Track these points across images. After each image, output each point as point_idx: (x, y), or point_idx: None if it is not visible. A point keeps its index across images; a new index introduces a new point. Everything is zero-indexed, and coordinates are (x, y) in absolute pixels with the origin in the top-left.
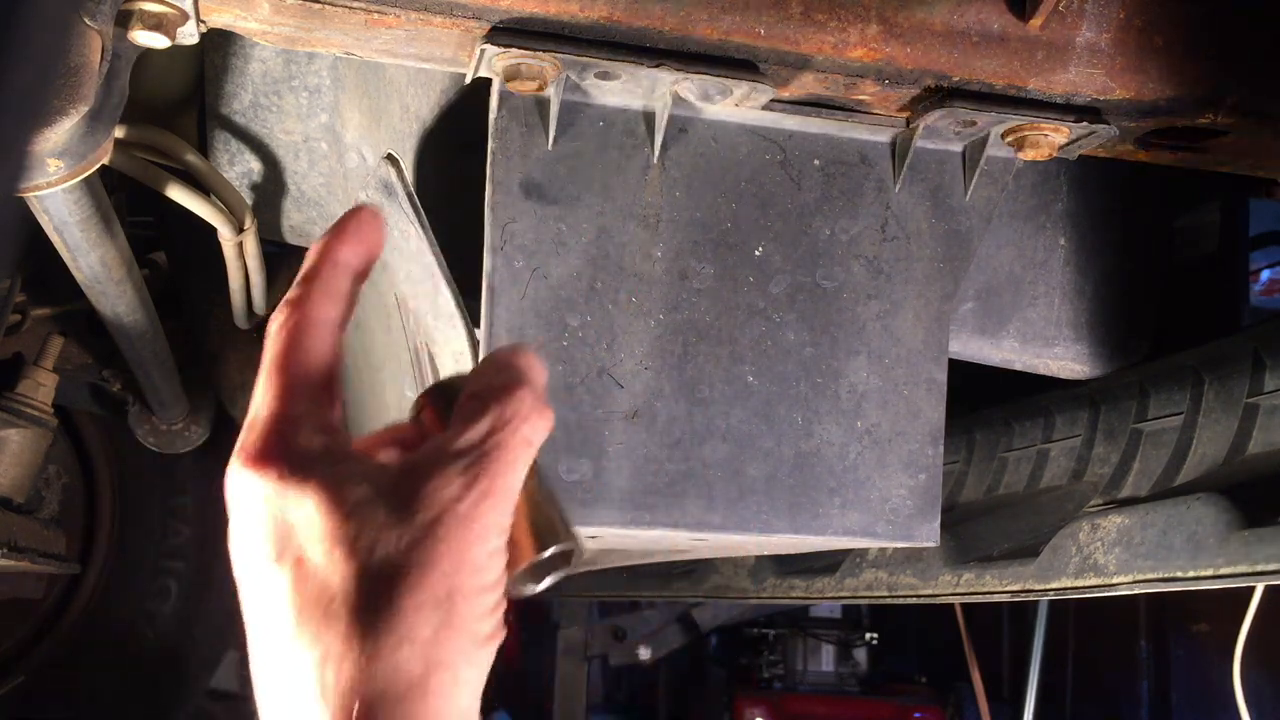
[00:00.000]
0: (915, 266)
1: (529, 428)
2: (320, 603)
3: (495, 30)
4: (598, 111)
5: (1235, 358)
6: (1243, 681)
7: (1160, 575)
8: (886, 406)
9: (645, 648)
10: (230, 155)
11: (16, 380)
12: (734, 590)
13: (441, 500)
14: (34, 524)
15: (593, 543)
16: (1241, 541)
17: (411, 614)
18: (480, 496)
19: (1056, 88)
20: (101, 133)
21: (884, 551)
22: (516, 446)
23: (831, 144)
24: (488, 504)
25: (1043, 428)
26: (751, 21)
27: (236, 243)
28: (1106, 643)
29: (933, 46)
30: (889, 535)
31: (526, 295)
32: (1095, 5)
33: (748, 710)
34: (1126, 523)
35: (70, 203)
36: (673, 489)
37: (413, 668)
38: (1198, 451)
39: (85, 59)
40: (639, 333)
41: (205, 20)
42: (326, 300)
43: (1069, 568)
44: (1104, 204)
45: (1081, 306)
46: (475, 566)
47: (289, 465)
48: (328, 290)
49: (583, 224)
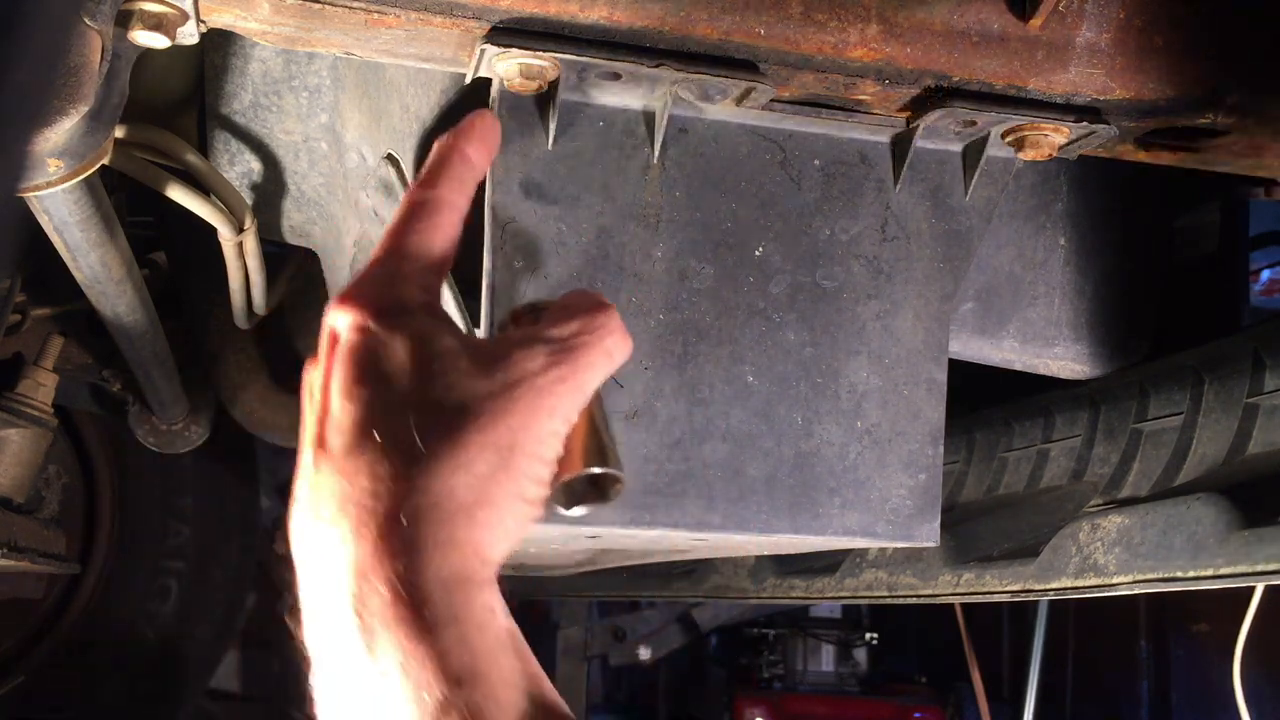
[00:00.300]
0: (915, 266)
1: (612, 341)
2: (390, 426)
3: (495, 30)
4: (598, 111)
5: (1235, 358)
6: (1243, 681)
7: (1160, 575)
8: (886, 406)
9: (645, 648)
10: (230, 155)
11: (16, 380)
12: (734, 590)
13: (524, 369)
14: (34, 524)
15: (593, 543)
16: (1241, 541)
17: (475, 450)
18: (558, 379)
19: (1056, 88)
20: (101, 133)
21: (884, 551)
22: (598, 350)
23: (831, 144)
24: (563, 387)
25: (1043, 428)
26: (751, 21)
27: (236, 243)
28: (1106, 643)
29: (933, 46)
30: (889, 535)
31: (526, 295)
32: (1095, 5)
33: (748, 710)
34: (1126, 523)
35: (70, 203)
36: (673, 489)
37: (465, 495)
38: (1198, 451)
39: (85, 59)
40: (639, 333)
41: (205, 20)
42: (457, 186)
43: (1069, 568)
44: (1104, 204)
45: (1081, 306)
46: (538, 435)
47: (389, 306)
48: (458, 178)
49: (583, 224)
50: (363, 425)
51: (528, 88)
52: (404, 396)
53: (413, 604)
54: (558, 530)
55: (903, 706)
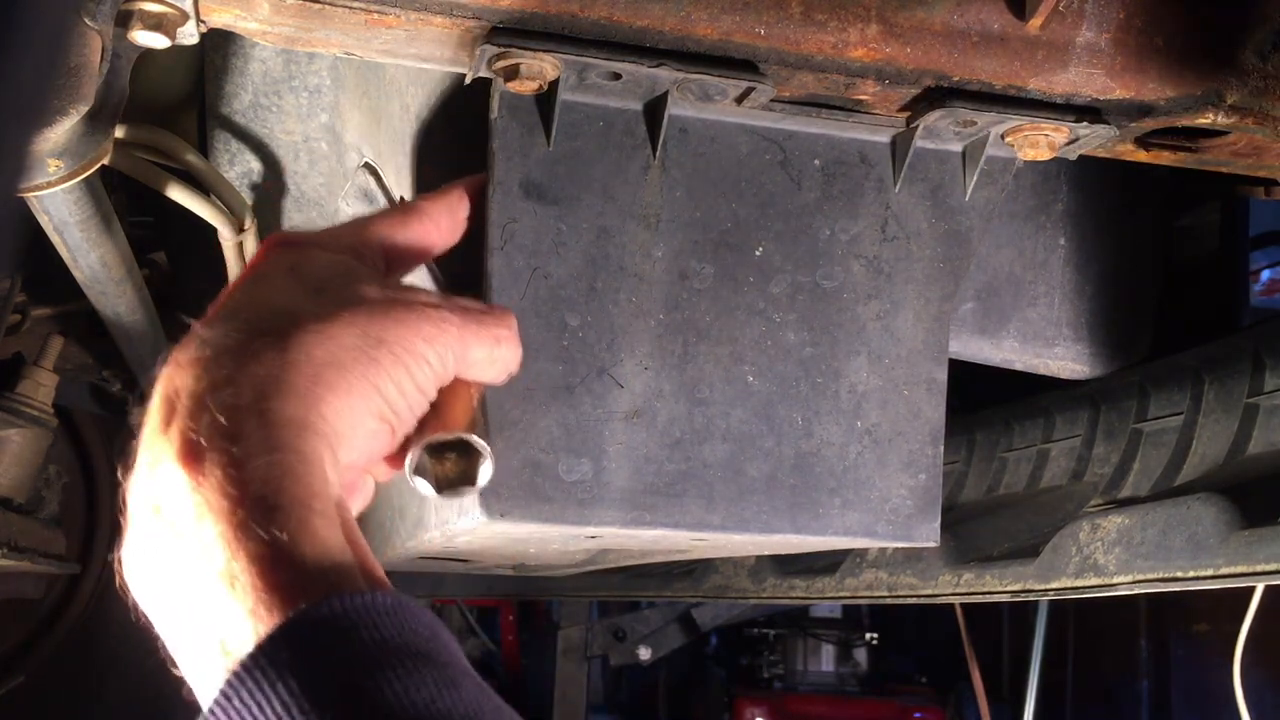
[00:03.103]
0: (915, 266)
1: (506, 335)
2: (271, 306)
3: (495, 30)
4: (598, 111)
5: (1235, 358)
6: (1243, 681)
7: (1160, 575)
8: (886, 406)
9: (645, 648)
10: (230, 155)
11: (16, 380)
12: (734, 590)
13: (421, 299)
14: (34, 524)
15: (593, 543)
16: (1241, 541)
17: (343, 326)
18: (446, 319)
19: (1056, 88)
20: (101, 133)
21: (884, 551)
22: (490, 333)
23: (831, 144)
24: (448, 327)
25: (1043, 428)
26: (752, 21)
27: (236, 243)
28: (1106, 643)
29: (933, 46)
30: (889, 535)
31: (526, 295)
32: (1095, 5)
33: (748, 710)
34: (1126, 523)
35: (70, 203)
36: (673, 489)
37: (320, 355)
38: (1198, 451)
39: (85, 59)
40: (639, 333)
41: (205, 20)
42: (444, 212)
43: (1069, 568)
44: (1104, 204)
45: (1081, 306)
46: (410, 348)
47: (310, 239)
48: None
49: (583, 224)
50: (244, 302)
51: (528, 88)
52: (291, 287)
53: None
54: (557, 530)
55: (903, 706)
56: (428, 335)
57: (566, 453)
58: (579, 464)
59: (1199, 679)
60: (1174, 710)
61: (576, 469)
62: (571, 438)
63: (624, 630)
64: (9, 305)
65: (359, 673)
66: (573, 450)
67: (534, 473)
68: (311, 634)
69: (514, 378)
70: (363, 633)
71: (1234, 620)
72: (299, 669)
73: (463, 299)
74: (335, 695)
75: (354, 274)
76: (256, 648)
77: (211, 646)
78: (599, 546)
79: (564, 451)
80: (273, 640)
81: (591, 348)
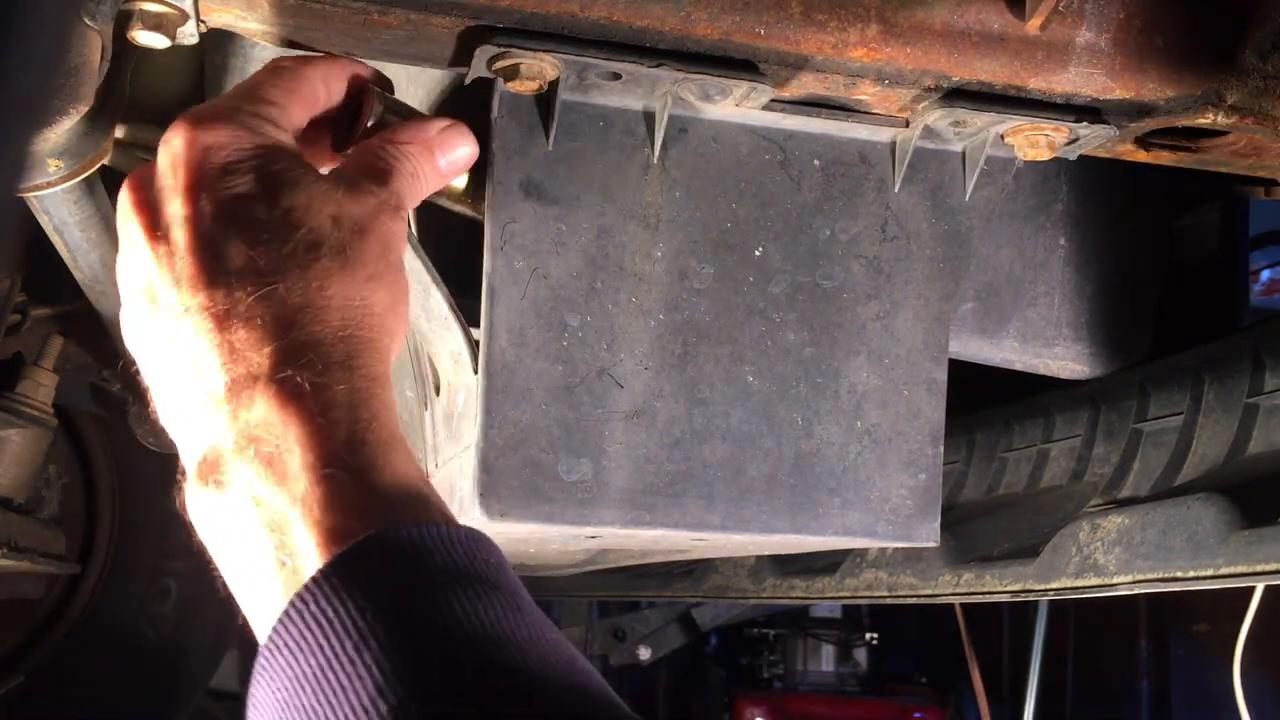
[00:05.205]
0: (915, 266)
1: (463, 151)
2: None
3: (495, 30)
4: (598, 111)
5: (1235, 358)
6: (1243, 681)
7: (1160, 575)
8: (886, 406)
9: (645, 648)
10: None
11: (16, 380)
12: (734, 590)
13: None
14: (34, 524)
15: (593, 543)
16: (1241, 541)
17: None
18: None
19: (1056, 88)
20: (101, 133)
21: (884, 551)
22: (452, 162)
23: (831, 144)
24: (419, 185)
25: (1043, 428)
26: (752, 21)
27: None
28: (1106, 643)
29: (933, 46)
30: (889, 535)
31: (526, 295)
32: (1095, 5)
33: (748, 710)
34: (1126, 523)
35: (70, 203)
36: (673, 489)
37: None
38: (1198, 451)
39: (85, 59)
40: (639, 333)
41: (205, 20)
42: (325, 71)
43: (1069, 568)
44: (1104, 204)
45: (1081, 306)
46: (385, 241)
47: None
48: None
49: (583, 224)
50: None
51: (528, 88)
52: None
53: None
54: (557, 530)
55: (903, 706)
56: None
57: (566, 453)
58: (579, 464)
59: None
60: (1174, 710)
61: (576, 469)
62: (571, 438)
63: (624, 630)
64: (9, 305)
65: (429, 590)
66: (573, 450)
67: (534, 473)
68: (386, 554)
69: (513, 373)
70: (437, 558)
71: (1234, 620)
72: (372, 583)
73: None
74: (405, 608)
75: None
76: (331, 562)
77: (284, 568)
78: (599, 546)
79: (564, 451)
80: (346, 557)
81: (591, 348)
